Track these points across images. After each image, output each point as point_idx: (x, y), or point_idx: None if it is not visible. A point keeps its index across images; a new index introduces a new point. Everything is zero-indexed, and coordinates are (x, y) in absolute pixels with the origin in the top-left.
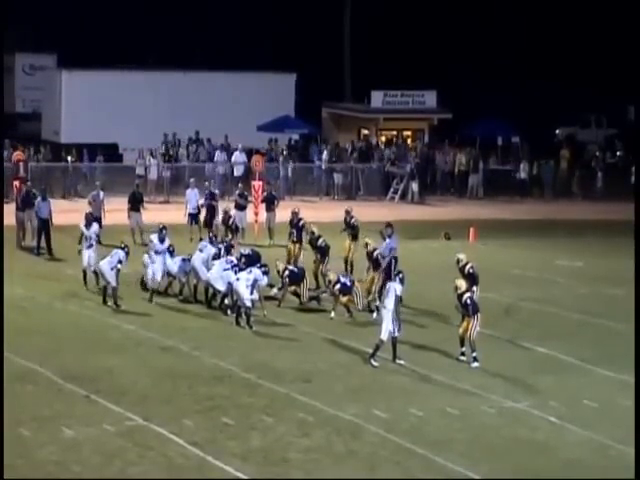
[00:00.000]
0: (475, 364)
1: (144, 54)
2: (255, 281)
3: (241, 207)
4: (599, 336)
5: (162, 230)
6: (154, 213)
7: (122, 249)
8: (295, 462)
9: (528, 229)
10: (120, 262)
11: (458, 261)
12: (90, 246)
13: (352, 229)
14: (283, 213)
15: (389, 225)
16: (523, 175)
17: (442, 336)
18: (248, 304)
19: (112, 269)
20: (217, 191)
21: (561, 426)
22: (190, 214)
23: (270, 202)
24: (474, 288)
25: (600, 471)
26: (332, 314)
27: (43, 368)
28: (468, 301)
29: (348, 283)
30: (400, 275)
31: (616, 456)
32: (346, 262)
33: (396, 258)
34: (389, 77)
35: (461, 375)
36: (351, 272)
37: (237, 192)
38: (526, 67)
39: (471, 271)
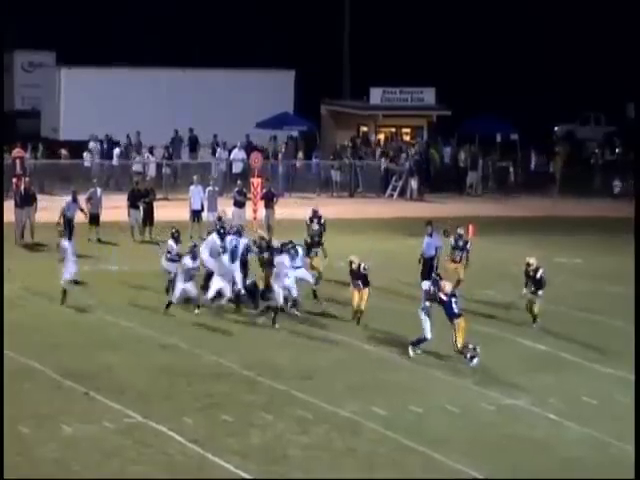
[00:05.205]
0: (474, 361)
1: (143, 51)
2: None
3: (240, 204)
4: (598, 333)
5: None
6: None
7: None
8: (294, 459)
9: (527, 226)
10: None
11: (528, 265)
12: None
13: None
14: (283, 210)
15: (429, 223)
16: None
17: (442, 333)
18: (281, 301)
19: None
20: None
21: (560, 423)
22: (193, 211)
23: (269, 199)
24: (540, 292)
25: (599, 468)
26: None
27: (42, 365)
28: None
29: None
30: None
31: (615, 453)
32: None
33: (438, 257)
34: (388, 74)
35: (460, 372)
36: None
37: (236, 189)
38: (525, 64)
39: (543, 276)
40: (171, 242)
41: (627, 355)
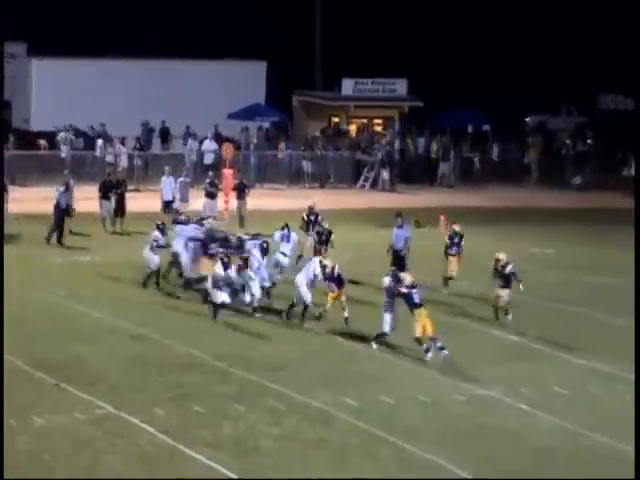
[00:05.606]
0: (444, 352)
1: (114, 43)
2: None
3: (211, 195)
4: (570, 324)
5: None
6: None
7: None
8: (266, 450)
9: (498, 217)
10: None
11: (498, 260)
12: None
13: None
14: (255, 202)
15: (399, 215)
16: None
17: (412, 325)
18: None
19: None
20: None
21: (532, 413)
22: (164, 202)
23: (241, 190)
24: (508, 290)
25: (571, 459)
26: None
27: (13, 356)
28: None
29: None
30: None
31: (587, 444)
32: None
33: (408, 248)
34: (360, 65)
35: (432, 363)
36: None
37: (207, 180)
38: (496, 55)
39: (513, 271)
40: (157, 233)
41: (599, 346)
